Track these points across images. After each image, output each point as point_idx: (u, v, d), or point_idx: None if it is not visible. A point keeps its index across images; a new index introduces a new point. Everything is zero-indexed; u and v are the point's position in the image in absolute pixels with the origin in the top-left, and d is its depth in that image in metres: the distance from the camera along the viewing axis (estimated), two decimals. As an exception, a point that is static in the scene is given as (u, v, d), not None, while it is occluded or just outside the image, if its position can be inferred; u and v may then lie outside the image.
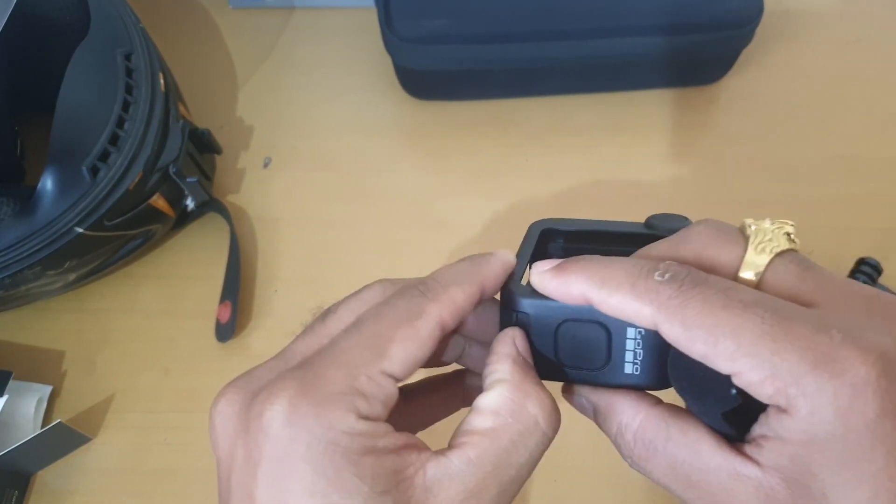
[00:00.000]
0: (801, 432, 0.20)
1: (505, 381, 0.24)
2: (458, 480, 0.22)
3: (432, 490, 0.22)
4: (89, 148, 0.47)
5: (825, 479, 0.20)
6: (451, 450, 0.23)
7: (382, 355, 0.23)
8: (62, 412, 0.52)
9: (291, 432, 0.21)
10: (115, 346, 0.54)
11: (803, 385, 0.20)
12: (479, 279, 0.26)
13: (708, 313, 0.21)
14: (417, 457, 0.23)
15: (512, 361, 0.25)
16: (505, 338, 0.26)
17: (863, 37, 0.70)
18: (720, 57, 0.64)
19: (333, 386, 0.22)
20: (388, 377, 0.23)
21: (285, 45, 0.69)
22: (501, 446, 0.23)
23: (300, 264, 0.58)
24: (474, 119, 0.65)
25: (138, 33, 0.52)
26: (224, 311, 0.54)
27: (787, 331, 0.21)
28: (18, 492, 0.48)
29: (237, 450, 0.23)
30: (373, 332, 0.24)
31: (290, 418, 0.21)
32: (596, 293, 0.24)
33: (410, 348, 0.24)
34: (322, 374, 0.22)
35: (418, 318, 0.24)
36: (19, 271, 0.47)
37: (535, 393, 0.24)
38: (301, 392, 0.22)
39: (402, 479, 0.22)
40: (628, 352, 0.25)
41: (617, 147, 0.63)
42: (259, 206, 0.61)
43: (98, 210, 0.48)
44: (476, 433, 0.23)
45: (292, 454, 0.21)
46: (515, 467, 0.23)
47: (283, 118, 0.65)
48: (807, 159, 0.63)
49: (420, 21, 0.59)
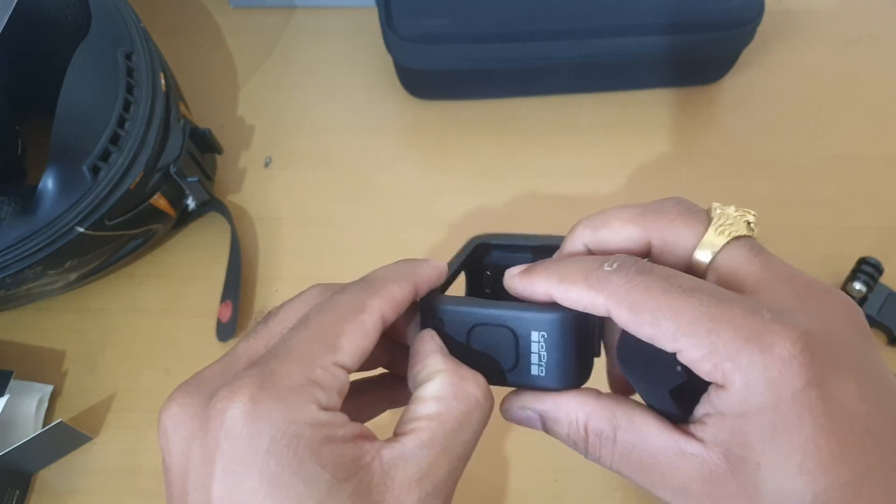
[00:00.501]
0: (737, 405, 0.22)
1: (442, 370, 0.26)
2: (413, 462, 0.23)
3: (389, 473, 0.23)
4: (90, 147, 0.47)
5: (759, 449, 0.22)
6: (402, 436, 0.24)
7: (334, 348, 0.24)
8: (63, 412, 0.52)
9: (254, 428, 0.22)
10: (116, 345, 0.54)
11: (737, 359, 0.22)
12: (414, 279, 0.28)
13: (651, 298, 0.24)
14: (372, 445, 0.24)
15: (441, 354, 0.27)
16: (425, 337, 0.28)
17: (864, 36, 0.70)
18: (721, 56, 0.64)
19: (291, 380, 0.23)
20: (341, 368, 0.24)
21: (286, 44, 0.69)
22: (449, 427, 0.25)
23: (301, 263, 0.58)
24: (475, 118, 0.65)
25: (139, 33, 0.52)
26: (225, 311, 0.54)
27: (723, 312, 0.23)
28: (20, 491, 0.48)
29: (193, 451, 0.23)
30: (322, 326, 0.25)
31: (252, 414, 0.22)
32: (556, 289, 0.26)
33: (358, 340, 0.25)
34: (278, 369, 0.23)
35: (362, 311, 0.25)
36: (20, 271, 0.47)
37: (471, 376, 0.26)
38: (261, 388, 0.22)
39: (361, 466, 0.23)
40: (533, 354, 0.27)
41: (618, 146, 0.63)
42: (260, 205, 0.61)
43: (99, 209, 0.48)
44: (424, 418, 0.25)
45: (255, 449, 0.22)
46: (462, 445, 0.25)
47: (283, 118, 0.65)
48: (808, 158, 0.63)
49: (421, 20, 0.59)
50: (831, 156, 0.63)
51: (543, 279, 0.27)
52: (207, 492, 0.22)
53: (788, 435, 0.22)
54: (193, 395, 0.24)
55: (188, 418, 0.23)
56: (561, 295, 0.26)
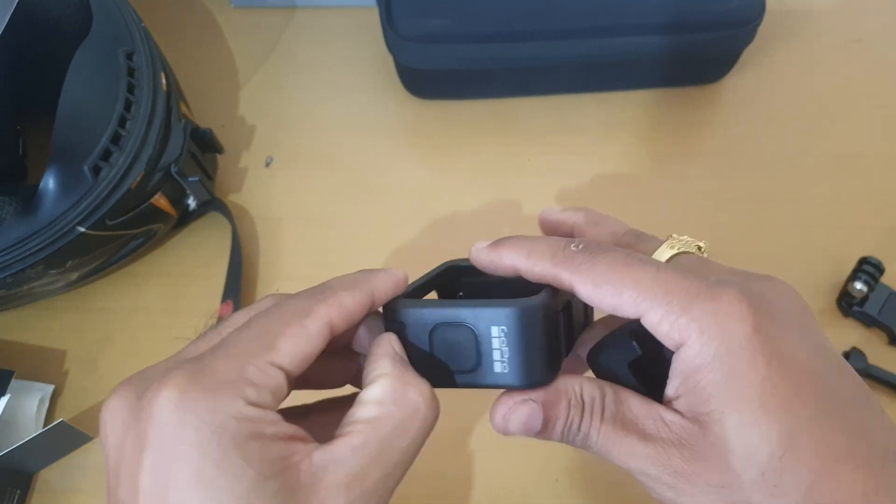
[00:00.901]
0: (695, 357, 0.24)
1: (386, 374, 0.26)
2: (343, 465, 0.23)
3: (317, 475, 0.23)
4: (91, 147, 0.47)
5: (720, 396, 0.24)
6: (336, 438, 0.24)
7: (271, 348, 0.24)
8: (64, 411, 0.52)
9: (180, 418, 0.22)
10: (118, 345, 0.54)
11: (690, 311, 0.24)
12: (370, 288, 0.28)
13: (613, 270, 0.26)
14: (304, 446, 0.23)
15: (391, 358, 0.27)
16: (381, 340, 0.28)
17: (864, 36, 0.70)
18: (722, 56, 0.64)
19: (223, 375, 0.23)
20: (277, 368, 0.24)
21: (287, 44, 0.69)
22: (385, 433, 0.24)
23: (302, 263, 0.58)
24: (476, 118, 0.65)
25: (140, 32, 0.52)
26: (226, 310, 0.54)
27: (675, 278, 0.25)
28: (21, 491, 0.48)
29: (126, 441, 0.23)
30: (262, 327, 0.25)
31: (179, 405, 0.22)
32: (523, 263, 0.28)
33: (298, 343, 0.25)
34: (211, 364, 0.23)
35: (307, 316, 0.25)
36: (21, 270, 0.47)
37: (416, 382, 0.26)
38: (191, 380, 0.23)
39: (289, 465, 0.23)
40: (495, 350, 0.27)
41: (618, 146, 0.63)
42: (261, 205, 0.61)
43: (100, 209, 0.48)
44: (360, 422, 0.25)
45: (180, 439, 0.22)
46: (398, 452, 0.25)
47: (284, 117, 0.65)
48: (809, 158, 0.63)
49: (421, 20, 0.59)
50: (832, 155, 0.63)
51: (511, 252, 0.28)
52: (135, 483, 0.22)
53: (744, 377, 0.23)
54: (131, 389, 0.24)
55: (124, 409, 0.24)
56: (527, 269, 0.28)
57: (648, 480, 0.25)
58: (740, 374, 0.23)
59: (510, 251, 0.28)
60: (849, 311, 0.54)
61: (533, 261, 0.27)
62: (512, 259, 0.28)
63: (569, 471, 0.49)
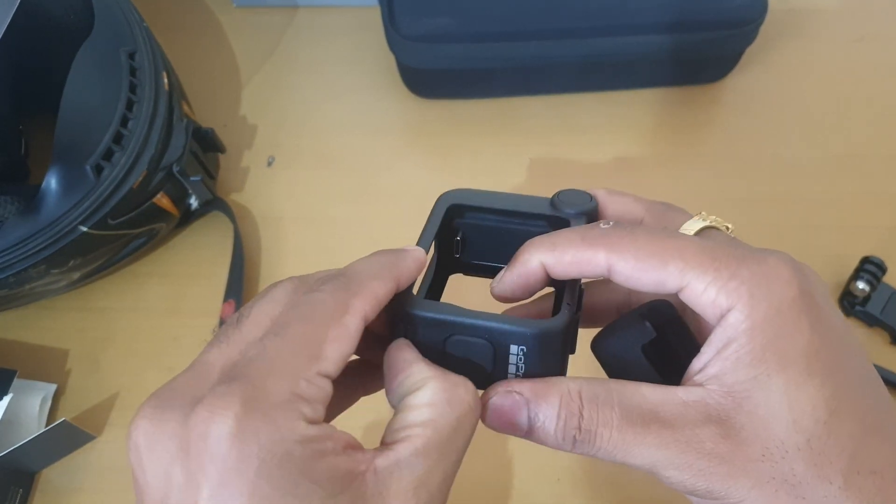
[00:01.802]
0: (744, 319, 0.23)
1: (430, 377, 0.25)
2: (408, 471, 0.23)
3: (385, 482, 0.22)
4: (93, 147, 0.47)
5: (767, 361, 0.23)
6: (396, 444, 0.23)
7: (317, 357, 0.23)
8: (66, 410, 0.52)
9: (242, 451, 0.20)
10: (119, 344, 0.54)
11: (740, 275, 0.24)
12: (397, 273, 0.26)
13: (657, 242, 0.25)
14: (363, 455, 0.23)
15: (423, 362, 0.26)
16: (402, 346, 0.26)
17: (867, 35, 0.70)
18: (724, 55, 0.64)
19: (276, 396, 0.22)
20: (325, 378, 0.23)
21: (289, 43, 0.69)
22: (444, 434, 0.24)
23: (304, 263, 0.58)
24: (477, 117, 0.65)
25: (142, 32, 0.52)
26: (228, 310, 0.54)
27: (718, 248, 0.25)
28: (23, 490, 0.48)
29: (174, 472, 0.21)
30: (303, 334, 0.23)
31: (239, 436, 0.21)
32: (550, 255, 0.26)
33: (342, 347, 0.24)
34: (262, 384, 0.22)
35: (345, 314, 0.24)
36: (23, 270, 0.47)
37: (461, 381, 0.25)
38: (246, 405, 0.21)
39: (355, 477, 0.22)
40: (511, 364, 0.26)
41: (620, 146, 0.63)
42: (262, 204, 0.61)
43: (102, 209, 0.48)
44: (417, 425, 0.24)
45: (244, 472, 0.20)
46: (455, 451, 0.24)
47: (286, 117, 0.65)
48: (811, 158, 0.63)
49: (423, 19, 0.59)
50: (835, 155, 0.63)
51: (534, 252, 0.27)
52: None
53: (791, 339, 0.23)
54: (167, 410, 0.22)
55: (165, 438, 0.22)
56: (556, 260, 0.26)
57: (677, 474, 0.24)
58: (787, 335, 0.23)
59: (532, 251, 0.27)
60: (851, 310, 0.54)
61: (560, 250, 0.26)
62: (537, 257, 0.27)
63: (570, 470, 0.49)
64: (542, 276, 0.27)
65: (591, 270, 0.26)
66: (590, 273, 0.26)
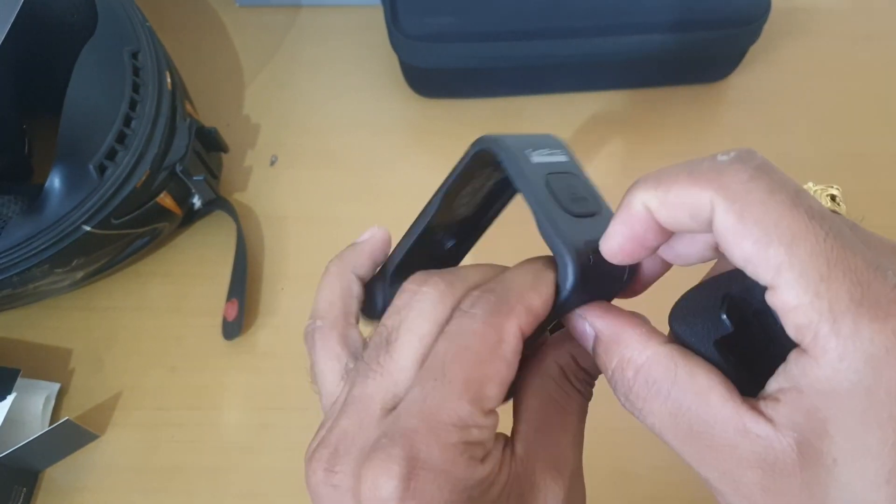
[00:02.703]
0: (822, 380, 0.18)
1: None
2: (544, 450, 0.25)
3: (529, 469, 0.24)
4: (96, 146, 0.47)
5: (840, 442, 0.18)
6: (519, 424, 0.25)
7: (480, 399, 0.22)
8: (70, 410, 0.52)
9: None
10: (123, 343, 0.55)
11: (840, 323, 0.18)
12: (551, 280, 0.24)
13: (771, 208, 0.19)
14: (503, 443, 0.24)
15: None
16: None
17: (871, 33, 0.69)
18: (727, 54, 0.64)
19: (445, 448, 0.21)
20: (491, 413, 0.23)
21: (292, 43, 0.69)
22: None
23: (307, 262, 0.58)
24: (481, 117, 0.65)
25: (145, 32, 0.52)
26: (231, 309, 0.54)
27: (843, 258, 0.18)
28: (27, 489, 0.48)
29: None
30: (462, 377, 0.22)
31: (409, 491, 0.21)
32: (653, 195, 0.21)
33: (502, 378, 0.23)
34: (430, 438, 0.21)
35: (500, 343, 0.23)
36: (27, 269, 0.47)
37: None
38: (413, 464, 0.21)
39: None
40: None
41: (624, 145, 0.63)
42: (265, 204, 0.61)
43: (105, 208, 0.48)
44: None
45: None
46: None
47: (289, 116, 0.65)
48: (815, 156, 0.63)
49: (426, 19, 0.59)
50: (838, 153, 0.63)
51: (637, 193, 0.22)
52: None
53: (881, 431, 0.18)
54: (344, 461, 0.23)
55: (345, 494, 0.22)
56: (660, 201, 0.21)
57: (706, 484, 0.22)
58: (875, 424, 0.18)
59: (635, 190, 0.22)
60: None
61: (665, 186, 0.21)
62: (640, 198, 0.22)
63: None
64: (651, 225, 0.22)
65: (696, 215, 0.20)
66: (697, 222, 0.20)
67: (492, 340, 0.22)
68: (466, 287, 0.25)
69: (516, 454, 0.24)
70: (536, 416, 0.25)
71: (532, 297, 0.23)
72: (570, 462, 0.25)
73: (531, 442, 0.24)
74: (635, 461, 0.49)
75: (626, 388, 0.22)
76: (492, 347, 0.22)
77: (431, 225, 0.28)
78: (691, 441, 0.21)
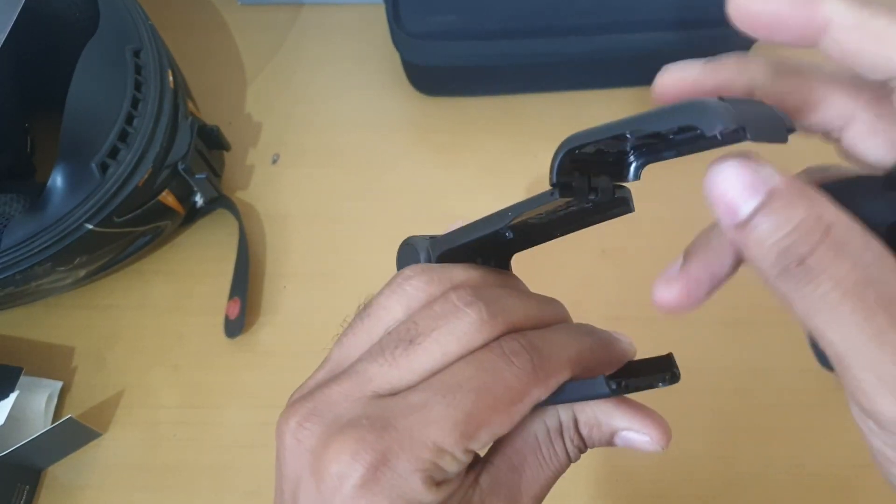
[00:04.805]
0: None
1: None
2: (505, 487, 0.24)
3: (487, 500, 0.24)
4: (99, 145, 0.47)
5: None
6: (495, 456, 0.25)
7: (471, 437, 0.22)
8: (72, 408, 0.52)
9: (363, 498, 0.21)
10: (125, 342, 0.55)
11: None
12: (594, 364, 0.25)
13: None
14: (469, 476, 0.24)
15: None
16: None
17: (875, 31, 0.69)
18: (730, 51, 0.63)
19: (414, 462, 0.22)
20: (470, 452, 0.23)
21: (294, 41, 0.69)
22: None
23: (309, 260, 0.58)
24: (483, 115, 0.65)
25: (147, 30, 0.52)
26: (233, 308, 0.54)
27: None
28: (29, 487, 0.48)
29: (303, 482, 0.23)
30: (469, 409, 0.22)
31: (366, 485, 0.21)
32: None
33: (499, 431, 0.23)
34: (407, 446, 0.22)
35: (518, 401, 0.23)
36: (30, 267, 0.47)
37: None
38: (381, 460, 0.21)
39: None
40: None
41: (626, 143, 0.63)
42: (268, 202, 0.61)
43: (107, 207, 0.48)
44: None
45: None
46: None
47: (291, 114, 0.65)
48: (817, 154, 0.62)
49: (428, 17, 0.59)
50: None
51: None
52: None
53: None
54: (317, 422, 0.23)
55: (305, 451, 0.23)
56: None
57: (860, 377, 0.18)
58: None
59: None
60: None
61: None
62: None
63: (574, 467, 0.49)
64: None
65: (807, 29, 0.20)
66: (806, 32, 0.20)
67: (513, 396, 0.23)
68: (509, 326, 0.24)
69: (479, 484, 0.24)
70: (514, 458, 0.25)
71: (564, 372, 0.24)
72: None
73: (498, 479, 0.24)
74: (635, 461, 0.50)
75: (807, 249, 0.18)
76: (509, 402, 0.23)
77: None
78: (878, 314, 0.17)
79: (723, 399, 0.52)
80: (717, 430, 0.51)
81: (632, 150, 0.26)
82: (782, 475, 0.50)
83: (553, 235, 0.29)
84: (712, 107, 0.19)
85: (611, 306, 0.55)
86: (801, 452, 0.50)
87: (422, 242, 0.29)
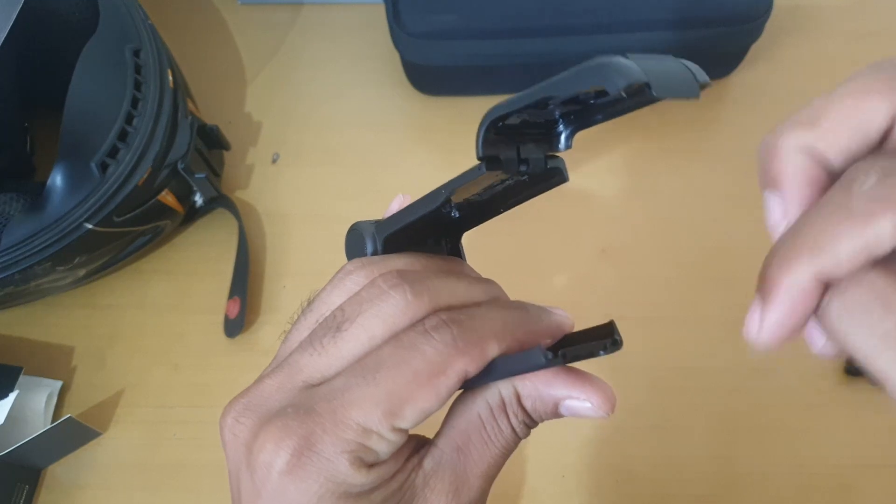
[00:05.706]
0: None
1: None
2: (450, 470, 0.24)
3: (429, 484, 0.24)
4: (98, 144, 0.47)
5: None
6: (439, 438, 0.25)
7: (396, 414, 0.22)
8: (72, 407, 0.52)
9: (291, 484, 0.21)
10: (125, 341, 0.55)
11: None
12: (522, 335, 0.24)
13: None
14: (413, 459, 0.24)
15: None
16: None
17: (875, 31, 0.69)
18: (730, 52, 0.63)
19: (339, 444, 0.22)
20: (399, 431, 0.22)
21: (294, 40, 0.69)
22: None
23: (308, 259, 0.58)
24: (482, 114, 0.65)
25: (147, 29, 0.52)
26: (233, 307, 0.54)
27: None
28: (29, 486, 0.48)
29: (242, 475, 0.23)
30: (389, 388, 0.22)
31: (293, 470, 0.21)
32: (813, 261, 0.19)
33: (424, 407, 0.22)
34: (330, 428, 0.22)
35: (441, 374, 0.22)
36: (29, 267, 0.47)
37: None
38: (305, 445, 0.22)
39: (404, 487, 0.23)
40: None
41: (625, 143, 0.63)
42: (267, 201, 0.61)
43: (107, 206, 0.48)
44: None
45: (291, 502, 0.22)
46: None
47: (291, 114, 0.65)
48: None
49: (428, 16, 0.59)
50: (841, 152, 0.62)
51: (793, 262, 0.20)
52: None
53: None
54: (249, 416, 0.23)
55: (241, 445, 0.23)
56: (822, 264, 0.19)
57: None
58: None
59: (790, 261, 0.20)
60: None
61: (823, 242, 0.19)
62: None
63: (575, 467, 0.49)
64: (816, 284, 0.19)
65: (878, 246, 0.18)
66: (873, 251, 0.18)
67: (434, 370, 0.22)
68: (434, 306, 0.24)
69: (423, 467, 0.24)
70: (458, 438, 0.25)
71: (491, 346, 0.23)
72: (474, 494, 0.25)
73: (442, 461, 0.24)
74: (635, 461, 0.50)
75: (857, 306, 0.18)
76: (430, 376, 0.22)
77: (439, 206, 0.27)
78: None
79: (723, 399, 0.52)
80: (717, 430, 0.51)
81: (560, 118, 0.26)
82: (782, 475, 0.50)
83: (498, 211, 0.29)
84: (615, 65, 0.19)
85: (610, 306, 0.55)
86: (801, 452, 0.50)
87: (367, 227, 0.29)
